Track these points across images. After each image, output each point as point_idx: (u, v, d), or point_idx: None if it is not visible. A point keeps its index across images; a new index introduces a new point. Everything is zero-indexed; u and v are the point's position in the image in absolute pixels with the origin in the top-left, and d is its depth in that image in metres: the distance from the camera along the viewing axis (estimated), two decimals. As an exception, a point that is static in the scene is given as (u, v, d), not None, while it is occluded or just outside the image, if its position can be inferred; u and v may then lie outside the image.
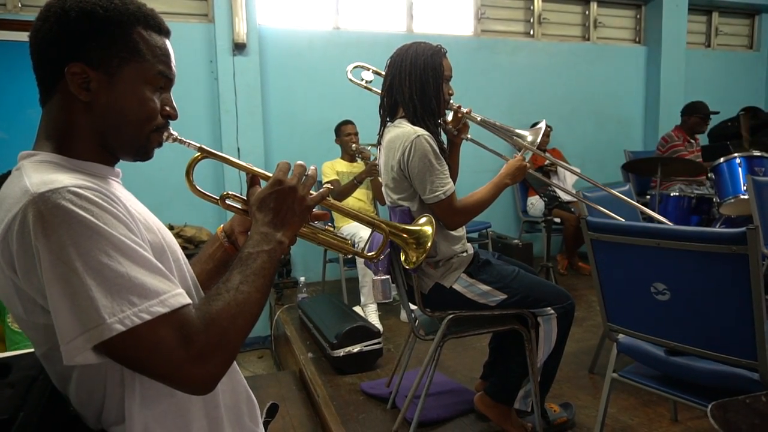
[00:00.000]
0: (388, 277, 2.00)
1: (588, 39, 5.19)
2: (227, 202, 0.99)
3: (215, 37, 3.83)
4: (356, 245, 3.30)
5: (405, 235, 1.06)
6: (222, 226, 1.09)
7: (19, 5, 3.55)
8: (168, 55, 0.87)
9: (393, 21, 4.52)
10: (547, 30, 5.04)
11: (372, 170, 3.52)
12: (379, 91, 2.06)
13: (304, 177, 0.92)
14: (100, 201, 0.72)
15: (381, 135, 2.00)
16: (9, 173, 1.61)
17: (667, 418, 2.09)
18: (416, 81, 1.84)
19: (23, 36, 3.48)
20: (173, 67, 0.88)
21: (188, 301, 0.74)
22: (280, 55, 4.10)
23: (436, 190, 1.80)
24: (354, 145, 3.61)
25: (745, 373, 1.38)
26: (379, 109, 2.00)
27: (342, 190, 3.58)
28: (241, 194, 1.00)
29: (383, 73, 2.03)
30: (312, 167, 0.94)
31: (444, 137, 2.00)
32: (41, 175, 0.74)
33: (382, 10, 4.48)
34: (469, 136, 2.06)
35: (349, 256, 3.40)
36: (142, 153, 0.88)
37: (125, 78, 0.82)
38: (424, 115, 1.86)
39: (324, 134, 4.02)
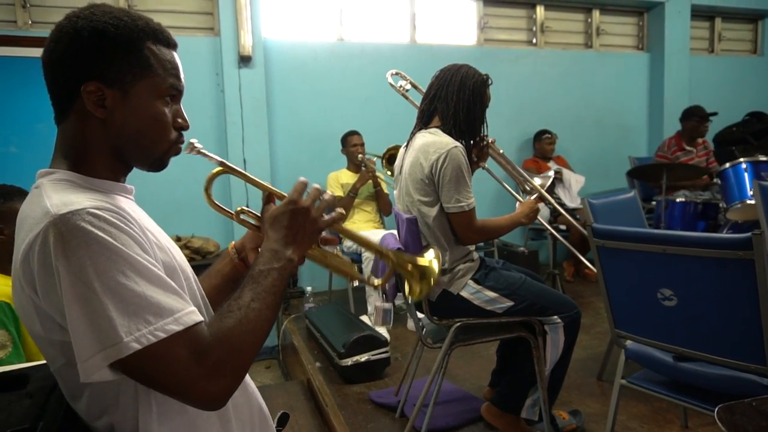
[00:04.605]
0: (390, 307, 2.05)
1: (591, 46, 5.21)
2: (242, 217, 1.02)
3: (221, 50, 3.87)
4: (362, 254, 3.32)
5: (410, 268, 1.05)
6: (233, 242, 1.12)
7: (30, 22, 3.61)
8: (177, 68, 0.89)
9: (396, 32, 4.55)
10: (550, 38, 5.07)
11: (366, 178, 3.55)
12: (411, 99, 2.20)
13: (318, 200, 0.94)
14: (118, 222, 0.74)
15: (411, 138, 2.03)
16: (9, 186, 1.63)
17: (677, 425, 2.08)
18: (464, 99, 1.91)
19: (34, 52, 3.54)
20: (182, 79, 0.90)
21: (201, 318, 0.75)
22: (285, 67, 4.14)
23: (461, 201, 1.84)
24: (360, 155, 3.64)
25: (754, 378, 1.38)
26: (418, 115, 2.06)
27: (342, 205, 3.61)
28: (247, 206, 1.02)
29: (417, 83, 2.21)
30: (328, 193, 0.96)
31: None
32: (60, 195, 0.76)
33: (386, 21, 4.52)
34: (486, 165, 2.13)
35: (355, 283, 3.40)
36: (158, 165, 0.90)
37: (139, 93, 0.84)
38: (463, 133, 1.93)
39: (329, 145, 4.05)
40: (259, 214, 1.00)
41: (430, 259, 1.05)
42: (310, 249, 0.94)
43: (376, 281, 1.07)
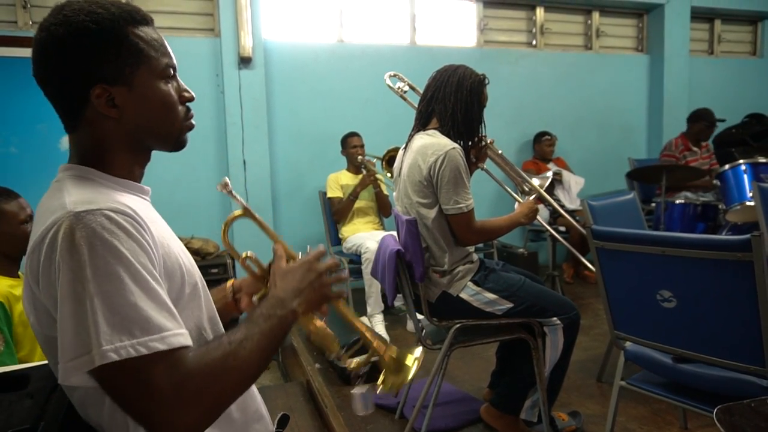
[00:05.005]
0: (365, 390, 2.08)
1: (590, 48, 5.22)
2: (247, 262, 1.03)
3: (221, 52, 3.87)
4: (362, 255, 3.32)
5: (388, 358, 1.03)
6: (233, 280, 1.12)
7: (30, 22, 3.62)
8: (164, 45, 0.88)
9: (396, 33, 4.56)
10: (550, 40, 5.08)
11: (366, 182, 3.55)
12: (410, 101, 2.21)
13: (332, 272, 0.95)
14: (129, 227, 0.73)
15: (409, 140, 2.03)
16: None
17: (677, 427, 2.08)
18: (462, 101, 1.91)
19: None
20: (172, 54, 0.90)
21: (189, 343, 0.73)
22: (285, 68, 4.14)
23: (459, 203, 1.84)
24: (360, 157, 3.64)
25: (753, 380, 1.38)
26: (416, 116, 2.06)
27: (341, 208, 3.62)
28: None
29: (414, 85, 2.21)
30: (346, 272, 0.96)
31: None
32: (81, 192, 0.76)
33: (386, 22, 4.53)
34: (484, 165, 2.13)
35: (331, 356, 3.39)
36: (178, 145, 0.91)
37: (142, 82, 0.84)
38: (462, 134, 1.93)
39: (329, 146, 4.05)
40: (264, 264, 1.02)
41: (413, 358, 1.03)
42: (314, 309, 0.94)
43: (353, 362, 1.06)
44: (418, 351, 1.03)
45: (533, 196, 2.13)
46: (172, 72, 0.88)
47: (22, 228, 1.64)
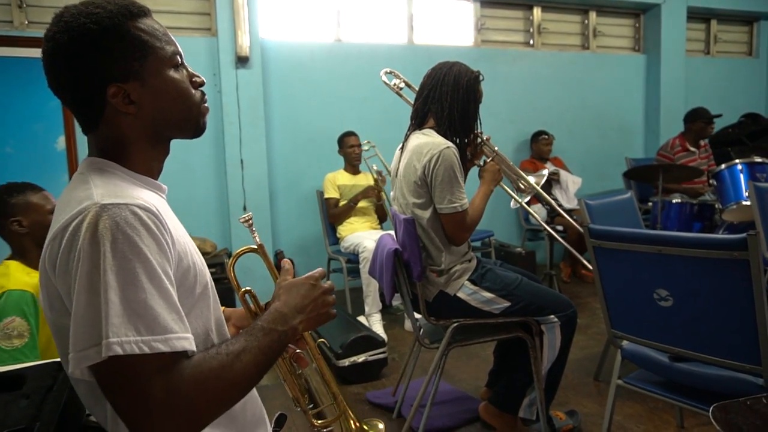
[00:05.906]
0: None
1: (588, 48, 5.22)
2: (246, 297, 1.03)
3: (218, 51, 3.87)
4: (360, 255, 3.32)
5: (353, 426, 1.04)
6: (224, 308, 1.11)
7: (26, 22, 3.60)
8: (167, 33, 0.88)
9: (393, 33, 4.56)
10: (547, 39, 5.08)
11: (369, 194, 3.56)
12: (406, 97, 2.21)
13: (331, 294, 0.96)
14: (152, 225, 0.73)
15: (405, 139, 2.03)
16: None
17: (673, 425, 2.09)
18: (459, 100, 1.90)
19: (30, 52, 3.51)
20: (176, 42, 0.90)
21: (191, 348, 0.73)
22: (282, 67, 4.13)
23: (454, 202, 1.84)
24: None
25: (749, 378, 1.39)
26: (412, 114, 2.05)
27: (338, 213, 3.63)
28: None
29: (410, 82, 2.20)
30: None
31: None
32: (107, 185, 0.77)
33: (383, 22, 4.52)
34: (481, 163, 2.11)
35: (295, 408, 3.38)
36: (198, 130, 0.92)
37: (152, 74, 0.84)
38: (459, 132, 1.92)
39: (326, 145, 4.05)
40: (261, 303, 1.03)
41: (377, 428, 1.04)
42: (313, 327, 0.95)
43: (317, 422, 1.07)
44: (381, 425, 1.05)
45: (491, 160, 2.10)
46: (179, 59, 0.88)
47: (49, 218, 1.69)
